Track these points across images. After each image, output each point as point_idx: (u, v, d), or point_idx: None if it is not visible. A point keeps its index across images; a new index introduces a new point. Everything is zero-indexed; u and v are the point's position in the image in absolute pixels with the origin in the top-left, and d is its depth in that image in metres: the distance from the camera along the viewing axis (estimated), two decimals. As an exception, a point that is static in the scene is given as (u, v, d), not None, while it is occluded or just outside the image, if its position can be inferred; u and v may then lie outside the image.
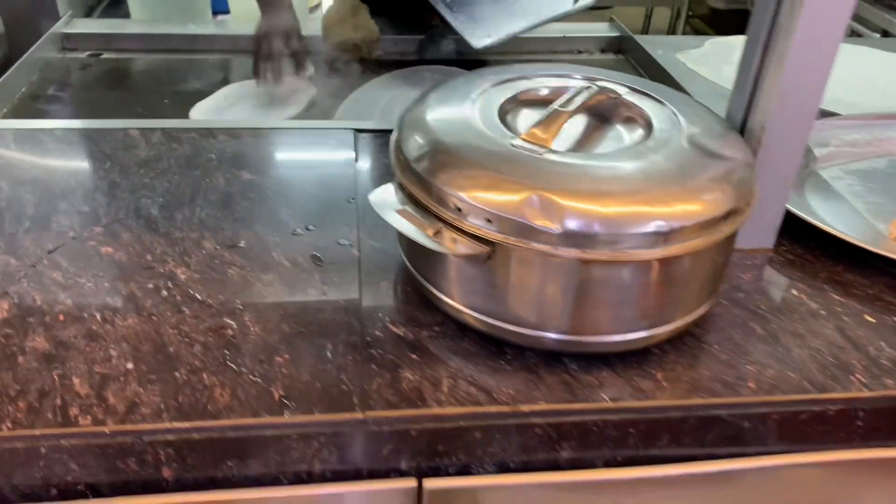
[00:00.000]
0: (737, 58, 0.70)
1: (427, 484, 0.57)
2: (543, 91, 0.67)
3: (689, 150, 0.58)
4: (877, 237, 0.76)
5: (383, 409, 0.55)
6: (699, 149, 0.59)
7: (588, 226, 0.52)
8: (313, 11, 1.75)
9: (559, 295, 0.56)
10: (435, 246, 0.55)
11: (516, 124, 0.63)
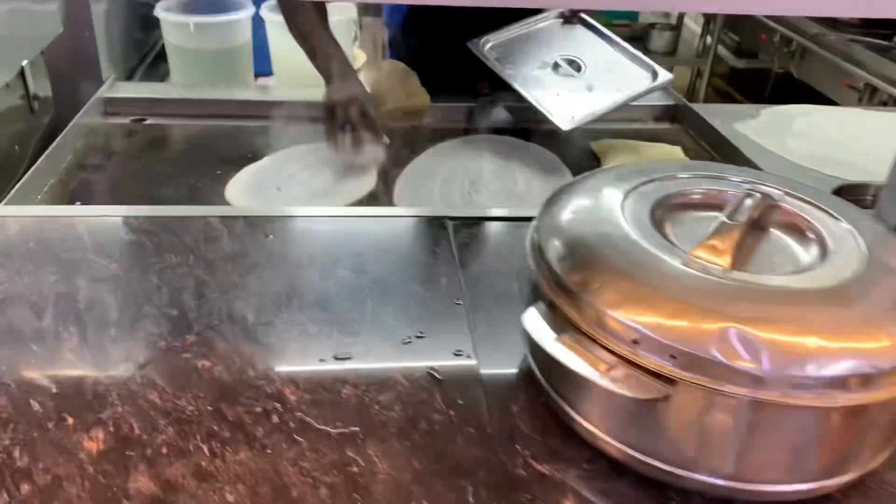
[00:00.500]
0: (798, 128, 0.64)
1: None
2: (695, 195, 0.61)
3: (881, 271, 0.52)
4: None
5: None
6: (887, 270, 0.52)
7: (798, 366, 0.45)
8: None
9: (746, 439, 0.49)
10: (610, 385, 0.48)
11: (674, 235, 0.57)
